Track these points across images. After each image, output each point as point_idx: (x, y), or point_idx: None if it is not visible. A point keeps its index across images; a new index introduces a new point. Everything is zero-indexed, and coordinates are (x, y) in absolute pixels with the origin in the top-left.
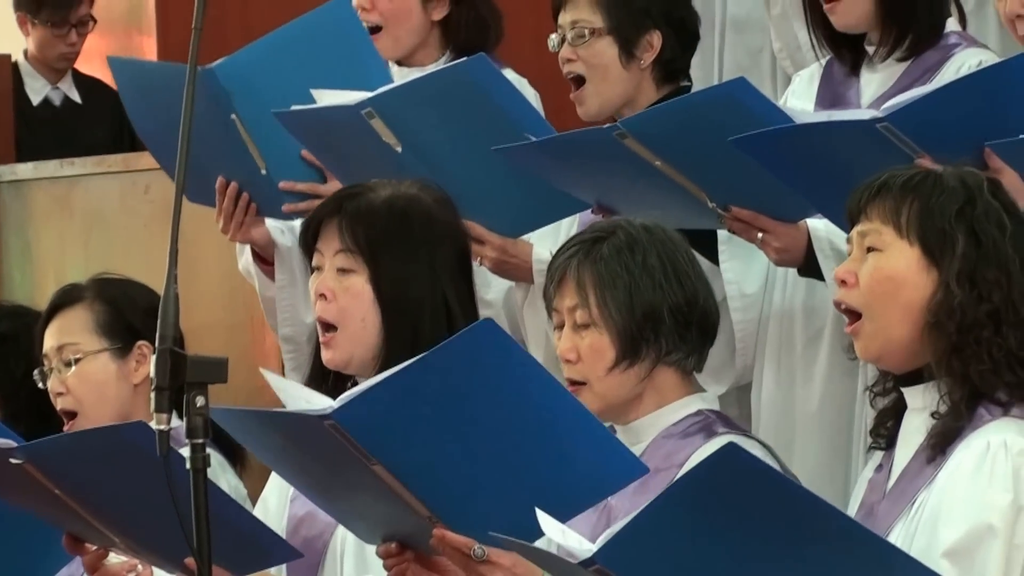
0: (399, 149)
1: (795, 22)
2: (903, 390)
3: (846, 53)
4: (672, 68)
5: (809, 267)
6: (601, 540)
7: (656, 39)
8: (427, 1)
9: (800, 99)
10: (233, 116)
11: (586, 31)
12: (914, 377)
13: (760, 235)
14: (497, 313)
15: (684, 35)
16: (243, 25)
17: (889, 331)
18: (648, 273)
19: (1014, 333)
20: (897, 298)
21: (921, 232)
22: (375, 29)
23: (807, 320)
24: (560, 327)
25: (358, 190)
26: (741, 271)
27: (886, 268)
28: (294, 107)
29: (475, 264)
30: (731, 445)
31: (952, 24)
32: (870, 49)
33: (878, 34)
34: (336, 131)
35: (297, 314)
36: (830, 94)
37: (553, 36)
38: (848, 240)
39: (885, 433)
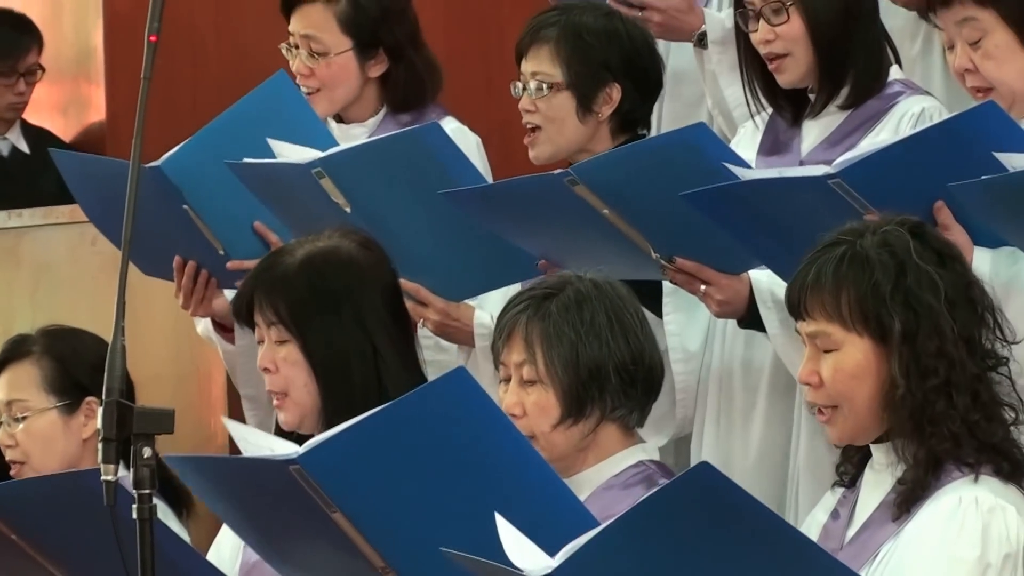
0: (348, 209)
1: (721, 79)
2: (870, 445)
3: (787, 107)
4: (631, 118)
5: (750, 319)
6: (562, 555)
7: (615, 92)
8: (364, 60)
9: (744, 150)
10: (185, 207)
11: (544, 85)
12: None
13: (703, 287)
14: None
15: (645, 86)
16: (192, 77)
17: (860, 419)
18: (595, 331)
19: (963, 399)
20: (863, 390)
21: (865, 322)
22: (311, 91)
23: (745, 374)
24: (507, 381)
25: (272, 259)
26: (684, 324)
27: (846, 367)
28: (247, 159)
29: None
30: (704, 464)
31: (896, 72)
32: (813, 98)
33: (818, 84)
34: (287, 186)
35: (257, 376)
36: (772, 143)
37: (516, 83)
38: (796, 330)
39: (851, 471)
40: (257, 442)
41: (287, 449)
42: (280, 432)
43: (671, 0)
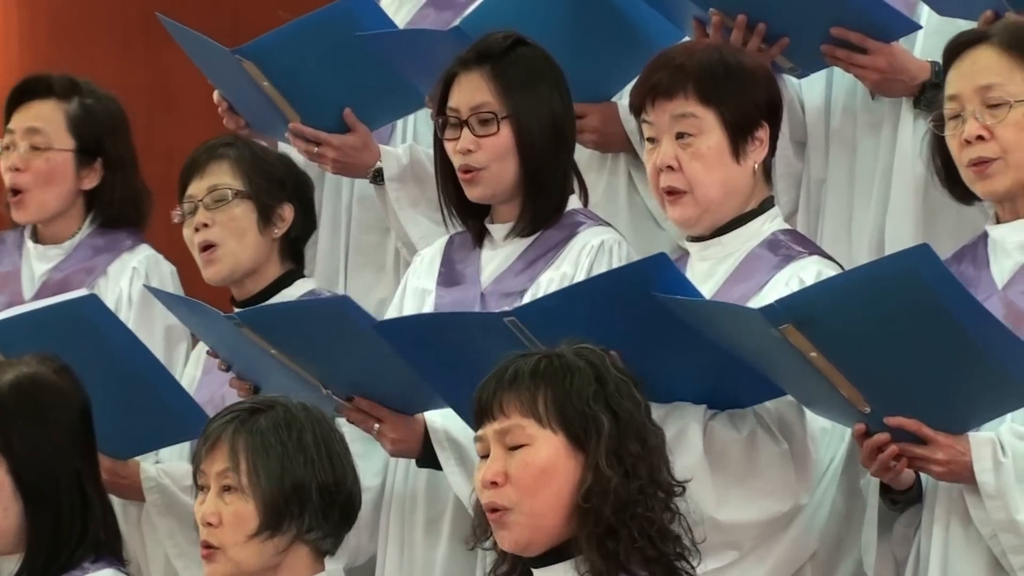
0: None
1: (401, 215)
2: (537, 571)
3: (474, 225)
4: (296, 247)
5: (426, 458)
6: None
7: (288, 212)
8: (81, 167)
9: (421, 279)
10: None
11: (229, 192)
12: (550, 556)
13: (376, 426)
14: None
15: (310, 218)
16: None
17: (542, 520)
18: (302, 449)
19: (658, 505)
20: (550, 488)
21: (563, 419)
22: (18, 191)
23: (428, 504)
24: (204, 491)
25: None
26: (361, 455)
27: (537, 461)
28: None
29: None
30: None
31: (574, 201)
32: (491, 228)
33: (507, 209)
34: None
35: None
36: (449, 274)
37: (183, 208)
38: (478, 438)
39: None
40: None
41: None
42: None
43: (346, 138)
